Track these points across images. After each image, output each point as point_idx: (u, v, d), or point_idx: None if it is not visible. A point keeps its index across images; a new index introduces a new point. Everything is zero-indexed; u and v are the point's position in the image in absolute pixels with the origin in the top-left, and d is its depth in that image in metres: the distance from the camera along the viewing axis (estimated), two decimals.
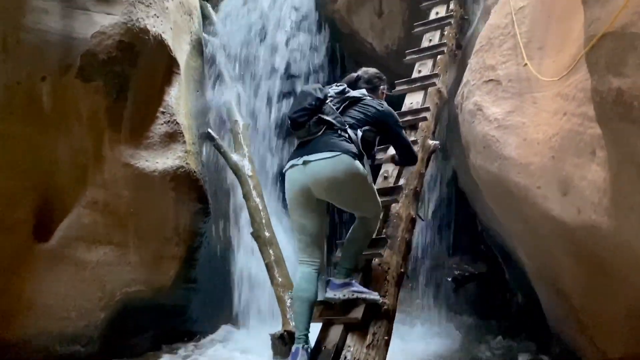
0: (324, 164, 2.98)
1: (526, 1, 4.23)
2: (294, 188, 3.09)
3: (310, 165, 3.00)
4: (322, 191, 3.04)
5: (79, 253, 4.94)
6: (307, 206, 3.10)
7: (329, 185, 3.01)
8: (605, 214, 2.86)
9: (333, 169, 2.97)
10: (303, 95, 3.23)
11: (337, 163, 2.97)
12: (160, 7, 5.23)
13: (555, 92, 3.60)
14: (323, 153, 2.99)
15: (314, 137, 3.10)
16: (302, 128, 3.12)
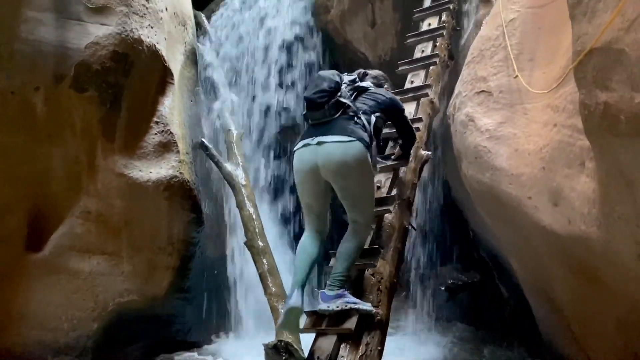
0: (338, 147, 3.05)
1: (517, 13, 4.29)
2: (304, 167, 3.16)
3: (324, 146, 3.07)
4: (330, 173, 3.10)
5: (71, 263, 4.93)
6: (314, 186, 3.18)
7: (337, 168, 3.07)
8: (594, 225, 2.90)
9: (345, 153, 3.04)
10: (320, 78, 3.31)
11: (349, 148, 3.05)
12: (154, 18, 5.26)
13: (545, 104, 3.66)
14: (339, 136, 3.07)
15: (330, 119, 3.18)
16: (320, 109, 3.19)
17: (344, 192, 3.19)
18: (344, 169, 3.07)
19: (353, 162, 3.06)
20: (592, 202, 2.89)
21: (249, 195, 5.83)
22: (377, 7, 6.42)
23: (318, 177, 3.14)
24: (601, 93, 2.18)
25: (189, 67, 6.26)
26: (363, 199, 3.24)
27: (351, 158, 3.05)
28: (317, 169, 3.11)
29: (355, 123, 3.17)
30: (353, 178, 3.12)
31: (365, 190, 3.23)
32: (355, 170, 3.09)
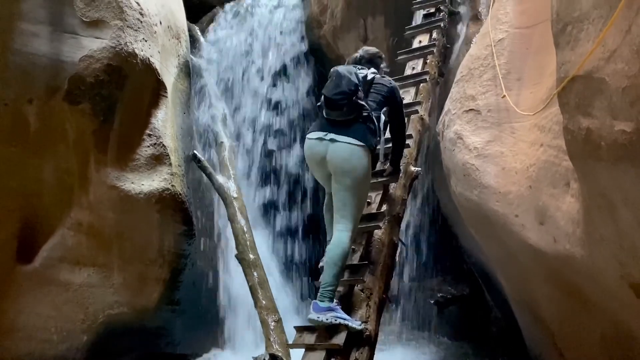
0: (347, 148, 3.35)
1: (505, 34, 4.39)
2: (313, 157, 3.49)
3: (336, 144, 3.36)
4: (333, 167, 3.40)
5: (62, 275, 4.93)
6: (322, 172, 3.52)
7: (342, 165, 3.37)
8: (579, 244, 2.97)
9: (350, 155, 3.35)
10: (340, 77, 3.47)
11: (356, 151, 3.35)
12: (148, 32, 5.30)
13: (532, 124, 3.73)
14: (352, 139, 3.36)
15: (346, 119, 3.40)
16: (338, 110, 3.40)
17: (340, 186, 3.42)
18: (348, 166, 3.36)
19: (357, 164, 3.35)
20: (576, 222, 2.96)
21: (241, 207, 5.86)
22: (369, 23, 6.51)
23: (325, 166, 3.45)
24: (583, 119, 2.25)
25: (183, 79, 6.30)
26: (353, 200, 3.41)
27: (356, 160, 3.35)
28: (324, 160, 3.42)
29: (367, 127, 3.43)
30: (351, 177, 3.37)
31: (357, 192, 3.42)
32: (356, 171, 3.36)
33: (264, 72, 7.54)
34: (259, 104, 7.30)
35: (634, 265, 2.42)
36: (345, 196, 3.39)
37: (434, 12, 5.76)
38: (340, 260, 3.32)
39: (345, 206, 3.39)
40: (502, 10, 4.46)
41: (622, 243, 2.42)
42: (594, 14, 2.14)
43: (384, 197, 4.25)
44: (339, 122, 3.40)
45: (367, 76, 3.60)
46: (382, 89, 3.63)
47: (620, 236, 2.42)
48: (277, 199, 7.20)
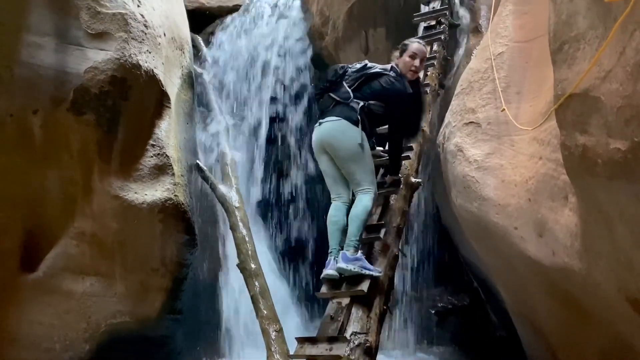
0: (329, 125, 3.78)
1: (505, 47, 4.44)
2: (315, 143, 3.92)
3: (322, 126, 3.83)
4: (327, 145, 3.82)
5: (65, 284, 4.96)
6: (323, 156, 3.89)
7: (330, 141, 3.78)
8: (577, 257, 3.00)
9: (332, 128, 3.77)
10: (325, 74, 4.08)
11: (337, 124, 3.76)
12: (152, 43, 5.36)
13: (531, 137, 3.78)
14: (331, 117, 3.80)
15: (328, 107, 3.88)
16: (323, 99, 3.94)
17: (339, 160, 3.81)
18: (335, 140, 3.76)
19: (341, 135, 3.74)
20: (574, 236, 2.99)
21: (242, 217, 5.90)
22: (371, 35, 6.58)
23: (323, 149, 3.86)
24: (580, 136, 2.29)
25: (186, 90, 6.36)
26: (356, 163, 3.76)
27: (338, 132, 3.74)
28: (321, 143, 3.85)
29: (348, 106, 3.81)
30: (343, 147, 3.74)
31: (356, 154, 3.75)
32: (343, 141, 3.74)
33: (267, 82, 7.60)
34: (262, 114, 7.35)
35: (631, 279, 2.45)
36: (347, 163, 3.78)
37: (435, 24, 5.82)
38: (363, 214, 3.71)
39: (355, 175, 3.77)
40: (502, 25, 4.52)
41: (619, 257, 2.46)
42: (590, 34, 2.19)
43: (385, 208, 4.29)
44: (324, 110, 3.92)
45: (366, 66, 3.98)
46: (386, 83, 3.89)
47: (617, 250, 2.46)
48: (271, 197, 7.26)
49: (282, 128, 7.54)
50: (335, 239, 3.80)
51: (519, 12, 4.55)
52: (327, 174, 3.93)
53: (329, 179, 3.93)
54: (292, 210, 7.36)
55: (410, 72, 3.99)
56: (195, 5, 8.16)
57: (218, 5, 8.34)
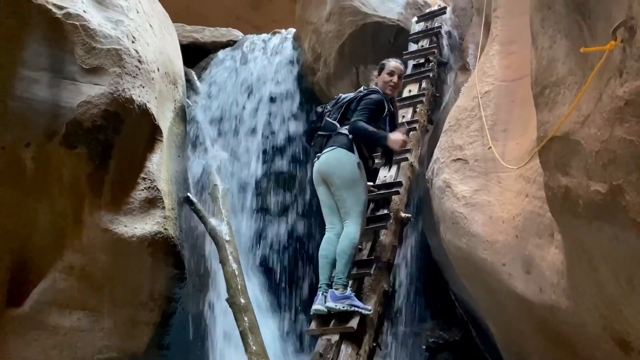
0: (326, 155, 3.97)
1: (491, 86, 4.55)
2: (314, 175, 4.09)
3: (320, 158, 4.02)
4: (324, 174, 3.98)
5: (51, 318, 4.90)
6: (321, 186, 4.04)
7: (329, 171, 3.94)
8: (563, 295, 3.03)
9: (333, 158, 3.93)
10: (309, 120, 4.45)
11: (336, 154, 3.93)
12: (146, 78, 5.44)
13: (518, 174, 3.84)
14: (327, 148, 4.01)
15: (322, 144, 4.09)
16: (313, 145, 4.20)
17: (334, 187, 3.92)
18: (331, 168, 3.92)
19: (338, 163, 3.90)
20: (560, 273, 3.02)
21: (233, 251, 5.88)
22: (361, 71, 6.70)
23: (322, 181, 4.02)
24: (562, 177, 2.35)
25: (178, 123, 6.43)
26: (349, 191, 3.87)
27: (337, 161, 3.91)
28: (319, 174, 4.02)
29: (342, 135, 3.98)
30: (339, 175, 3.89)
31: (351, 186, 3.88)
32: (340, 169, 3.89)
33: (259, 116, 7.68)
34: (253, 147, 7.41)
35: (615, 318, 2.48)
36: (342, 195, 3.88)
37: (424, 62, 5.96)
38: (350, 249, 3.77)
39: (345, 202, 3.87)
40: (488, 64, 4.64)
41: (603, 296, 2.49)
42: (570, 79, 2.27)
43: (375, 243, 4.32)
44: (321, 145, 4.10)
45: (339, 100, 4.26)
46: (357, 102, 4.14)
47: (601, 289, 2.49)
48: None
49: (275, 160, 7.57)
50: (325, 273, 3.84)
51: (505, 52, 4.68)
52: (324, 204, 4.06)
53: (326, 208, 4.05)
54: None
55: (389, 87, 4.21)
56: (189, 40, 8.30)
57: (212, 41, 8.50)
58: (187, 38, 8.25)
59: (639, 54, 1.72)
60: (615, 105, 1.85)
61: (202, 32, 8.61)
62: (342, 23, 6.76)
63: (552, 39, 2.46)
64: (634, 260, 2.09)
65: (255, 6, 11.49)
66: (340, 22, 6.77)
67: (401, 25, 6.70)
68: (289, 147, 7.56)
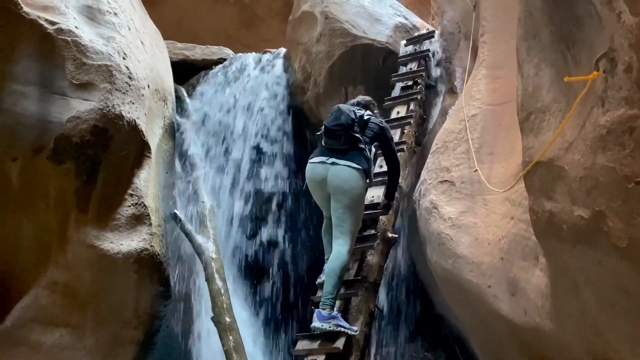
0: (346, 170, 3.94)
1: (478, 110, 4.63)
2: (315, 178, 4.06)
3: (337, 167, 3.96)
4: (333, 187, 3.97)
5: (33, 335, 4.81)
6: (320, 193, 4.10)
7: (341, 184, 3.94)
8: (547, 318, 3.06)
9: (349, 177, 3.94)
10: (340, 112, 4.14)
11: (353, 174, 3.95)
12: (136, 95, 5.45)
13: (503, 197, 3.89)
14: (351, 162, 3.97)
15: (344, 148, 4.01)
16: (336, 139, 4.02)
17: (339, 204, 3.97)
18: (346, 186, 3.93)
19: (354, 183, 3.94)
20: (545, 296, 3.06)
21: (219, 269, 5.85)
22: (350, 92, 6.77)
23: (324, 187, 4.02)
24: (547, 202, 2.40)
25: (167, 140, 6.43)
26: (351, 218, 3.96)
27: (354, 181, 3.94)
28: (324, 181, 3.99)
29: (363, 155, 4.05)
30: (350, 197, 3.95)
31: (354, 211, 4.00)
32: (353, 190, 3.94)
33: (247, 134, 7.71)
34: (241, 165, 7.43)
35: (598, 342, 2.51)
36: (344, 214, 3.94)
37: (412, 84, 6.05)
38: (340, 270, 3.83)
39: (344, 222, 3.94)
40: (475, 88, 4.72)
41: (586, 320, 2.52)
42: (554, 107, 2.33)
43: (362, 263, 4.34)
44: (337, 150, 4.01)
45: (364, 116, 4.27)
46: (374, 127, 4.28)
47: (584, 313, 2.53)
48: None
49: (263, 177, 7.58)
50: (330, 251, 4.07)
51: (492, 77, 4.77)
52: (323, 207, 4.22)
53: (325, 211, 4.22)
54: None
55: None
56: (180, 58, 8.35)
57: (202, 59, 8.55)
58: (178, 55, 8.29)
59: (620, 85, 1.78)
60: (597, 134, 1.90)
61: (193, 49, 8.66)
62: (332, 44, 6.87)
63: (538, 67, 2.53)
64: (616, 284, 2.13)
65: (247, 25, 11.59)
66: (331, 44, 6.87)
67: (390, 47, 6.81)
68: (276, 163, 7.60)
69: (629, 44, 1.71)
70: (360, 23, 6.90)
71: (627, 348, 2.31)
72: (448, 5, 6.57)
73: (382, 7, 7.34)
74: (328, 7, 7.05)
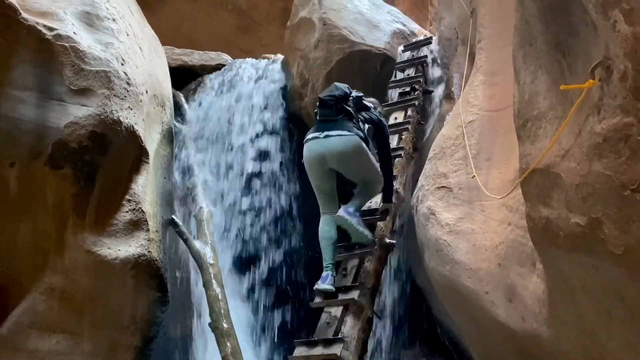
0: (340, 140, 3.98)
1: (475, 116, 4.64)
2: (312, 155, 4.10)
3: (329, 139, 4.00)
4: (334, 161, 4.04)
5: (30, 341, 4.80)
6: (319, 170, 4.12)
7: (340, 157, 4.02)
8: (545, 324, 3.06)
9: (345, 144, 3.99)
10: (335, 87, 4.33)
11: (349, 140, 4.00)
12: (134, 100, 5.46)
13: (501, 203, 3.90)
14: (341, 131, 4.02)
15: (336, 119, 4.08)
16: (328, 109, 4.11)
17: (350, 174, 4.17)
18: (345, 157, 4.02)
19: (352, 151, 4.02)
20: (542, 303, 3.06)
21: (216, 274, 5.85)
22: None
23: (323, 163, 4.06)
24: (543, 209, 2.41)
25: (165, 145, 6.44)
26: (366, 174, 4.21)
27: (350, 149, 4.01)
28: (323, 157, 4.04)
29: (354, 125, 4.11)
30: (353, 162, 4.09)
31: (366, 167, 4.18)
32: (354, 156, 4.06)
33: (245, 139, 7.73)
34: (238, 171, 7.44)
35: (595, 349, 2.51)
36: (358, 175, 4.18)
37: (410, 90, 6.07)
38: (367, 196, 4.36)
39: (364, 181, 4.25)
40: (473, 94, 4.74)
41: (583, 327, 2.53)
42: (550, 114, 2.35)
43: (359, 269, 4.34)
44: (329, 121, 4.07)
45: (362, 99, 4.40)
46: (372, 116, 4.39)
47: (581, 319, 2.53)
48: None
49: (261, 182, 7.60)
50: (329, 253, 4.14)
51: (489, 83, 4.78)
52: (321, 190, 4.24)
53: (323, 194, 4.25)
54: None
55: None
56: (179, 63, 8.36)
57: (201, 64, 8.57)
58: (176, 61, 8.31)
59: (616, 93, 1.79)
60: (593, 141, 1.91)
61: (191, 55, 8.68)
62: (330, 50, 6.89)
63: (534, 74, 2.54)
64: (613, 291, 2.14)
65: (245, 31, 11.62)
66: (328, 50, 6.90)
67: (388, 53, 6.84)
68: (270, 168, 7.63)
69: (624, 53, 1.72)
70: (358, 29, 6.92)
71: (624, 355, 2.32)
72: (446, 12, 6.60)
73: (380, 13, 7.38)
74: (326, 13, 7.08)
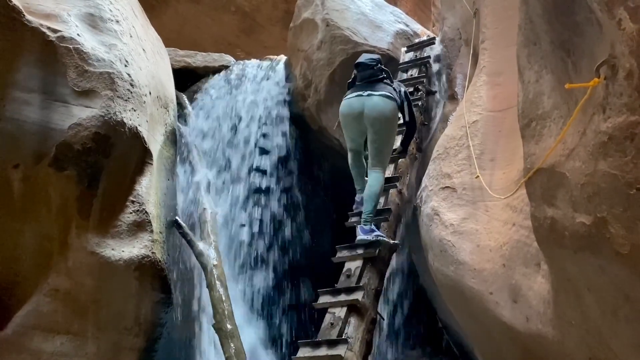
0: (382, 100, 4.28)
1: (479, 116, 4.63)
2: (351, 112, 4.39)
3: (372, 98, 4.29)
4: (371, 118, 4.28)
5: (34, 343, 4.80)
6: (356, 126, 4.38)
7: (378, 115, 4.26)
8: (550, 325, 3.05)
9: (385, 107, 4.28)
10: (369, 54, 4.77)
11: (390, 104, 4.30)
12: (138, 102, 5.47)
13: (505, 203, 3.89)
14: (385, 93, 4.32)
15: (378, 78, 4.40)
16: (369, 70, 4.42)
17: (376, 135, 4.32)
18: (383, 117, 4.27)
19: (390, 114, 4.30)
20: (547, 303, 3.05)
21: (220, 275, 5.84)
22: None
23: (360, 120, 4.33)
24: (548, 208, 2.40)
25: (169, 146, 6.44)
26: (387, 146, 4.42)
27: (389, 112, 4.29)
28: (361, 113, 4.31)
29: (393, 89, 4.42)
30: (386, 126, 4.31)
31: (390, 139, 4.45)
32: (389, 121, 4.31)
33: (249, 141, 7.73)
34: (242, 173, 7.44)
35: (601, 349, 2.50)
36: (382, 144, 4.33)
37: (413, 91, 6.05)
38: (379, 192, 4.38)
39: (381, 153, 4.36)
40: (476, 94, 4.73)
41: (588, 327, 2.52)
42: (555, 113, 2.34)
43: (363, 270, 4.33)
44: (371, 82, 4.35)
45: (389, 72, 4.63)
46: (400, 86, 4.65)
47: (586, 320, 2.52)
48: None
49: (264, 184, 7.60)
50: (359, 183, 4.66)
51: (493, 83, 4.77)
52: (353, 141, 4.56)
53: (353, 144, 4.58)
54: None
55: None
56: (182, 65, 8.38)
57: (204, 66, 8.58)
58: (180, 62, 8.32)
59: (621, 92, 1.79)
60: (599, 140, 1.91)
61: (194, 56, 8.69)
62: (333, 51, 6.88)
63: (538, 73, 2.54)
64: (618, 291, 2.13)
65: (248, 33, 11.63)
66: (331, 51, 6.89)
67: (391, 54, 6.84)
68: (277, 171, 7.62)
69: (630, 51, 1.71)
70: (361, 30, 6.92)
71: (630, 355, 2.30)
72: (449, 12, 6.60)
73: (383, 14, 7.37)
74: (329, 14, 7.08)
